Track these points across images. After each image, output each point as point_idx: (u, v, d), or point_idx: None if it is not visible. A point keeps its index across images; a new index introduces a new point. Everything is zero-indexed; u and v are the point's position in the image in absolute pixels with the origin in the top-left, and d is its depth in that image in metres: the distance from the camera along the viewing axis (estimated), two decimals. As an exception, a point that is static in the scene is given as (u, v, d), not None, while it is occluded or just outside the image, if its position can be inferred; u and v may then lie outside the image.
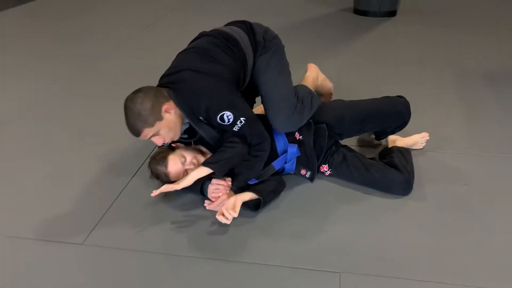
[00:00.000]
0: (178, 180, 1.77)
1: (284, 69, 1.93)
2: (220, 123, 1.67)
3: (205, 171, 1.72)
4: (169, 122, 1.65)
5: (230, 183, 1.78)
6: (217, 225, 1.72)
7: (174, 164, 1.78)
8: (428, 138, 2.16)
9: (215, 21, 2.27)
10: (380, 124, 2.03)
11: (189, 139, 1.88)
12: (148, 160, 1.91)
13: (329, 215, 1.77)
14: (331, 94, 2.45)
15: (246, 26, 1.89)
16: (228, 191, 1.77)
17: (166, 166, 1.79)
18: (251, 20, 1.96)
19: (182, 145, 1.90)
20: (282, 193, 1.89)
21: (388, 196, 1.86)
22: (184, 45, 1.89)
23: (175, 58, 1.84)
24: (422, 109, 2.08)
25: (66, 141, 2.37)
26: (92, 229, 1.73)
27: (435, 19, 4.30)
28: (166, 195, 1.82)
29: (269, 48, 1.88)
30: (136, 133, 1.64)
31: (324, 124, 1.95)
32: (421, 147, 2.17)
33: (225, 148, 1.75)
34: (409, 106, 1.99)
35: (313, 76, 2.20)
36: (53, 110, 2.72)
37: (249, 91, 1.97)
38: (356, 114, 1.98)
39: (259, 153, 1.79)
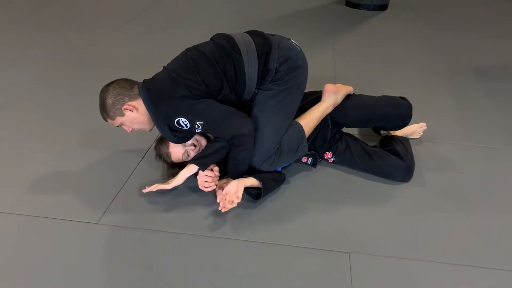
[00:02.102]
0: (179, 161, 1.86)
1: (281, 109, 1.81)
2: (179, 128, 1.70)
3: (193, 168, 1.76)
4: (131, 119, 1.71)
5: (217, 173, 1.81)
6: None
7: (175, 144, 1.83)
8: (425, 128, 2.25)
9: (207, 12, 2.24)
10: (381, 124, 2.10)
11: None
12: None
13: (334, 200, 1.83)
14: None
15: (264, 45, 1.77)
16: (217, 180, 1.81)
17: (168, 147, 1.84)
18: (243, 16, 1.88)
19: None
20: (287, 180, 1.93)
21: (390, 183, 1.93)
22: (172, 36, 1.85)
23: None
24: (417, 101, 2.15)
25: (74, 124, 2.37)
26: (106, 208, 1.74)
27: (426, 15, 4.41)
28: (174, 175, 1.85)
29: (278, 84, 1.79)
30: (103, 119, 1.74)
31: (328, 116, 2.00)
32: (418, 137, 2.26)
33: (210, 143, 1.80)
34: (412, 108, 2.03)
35: (327, 105, 1.97)
36: (55, 95, 2.70)
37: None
38: (361, 115, 2.03)
39: (237, 148, 1.76)
